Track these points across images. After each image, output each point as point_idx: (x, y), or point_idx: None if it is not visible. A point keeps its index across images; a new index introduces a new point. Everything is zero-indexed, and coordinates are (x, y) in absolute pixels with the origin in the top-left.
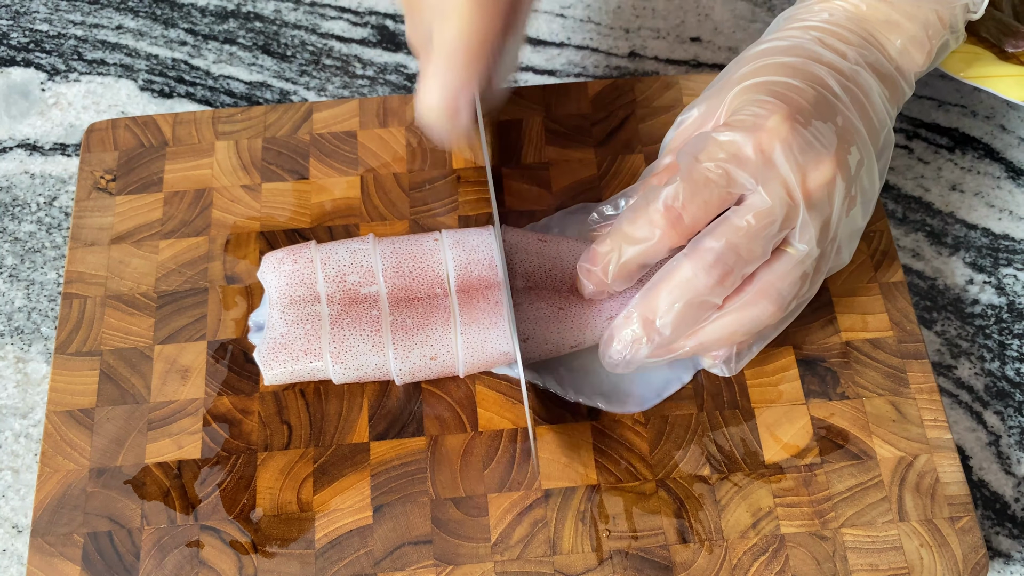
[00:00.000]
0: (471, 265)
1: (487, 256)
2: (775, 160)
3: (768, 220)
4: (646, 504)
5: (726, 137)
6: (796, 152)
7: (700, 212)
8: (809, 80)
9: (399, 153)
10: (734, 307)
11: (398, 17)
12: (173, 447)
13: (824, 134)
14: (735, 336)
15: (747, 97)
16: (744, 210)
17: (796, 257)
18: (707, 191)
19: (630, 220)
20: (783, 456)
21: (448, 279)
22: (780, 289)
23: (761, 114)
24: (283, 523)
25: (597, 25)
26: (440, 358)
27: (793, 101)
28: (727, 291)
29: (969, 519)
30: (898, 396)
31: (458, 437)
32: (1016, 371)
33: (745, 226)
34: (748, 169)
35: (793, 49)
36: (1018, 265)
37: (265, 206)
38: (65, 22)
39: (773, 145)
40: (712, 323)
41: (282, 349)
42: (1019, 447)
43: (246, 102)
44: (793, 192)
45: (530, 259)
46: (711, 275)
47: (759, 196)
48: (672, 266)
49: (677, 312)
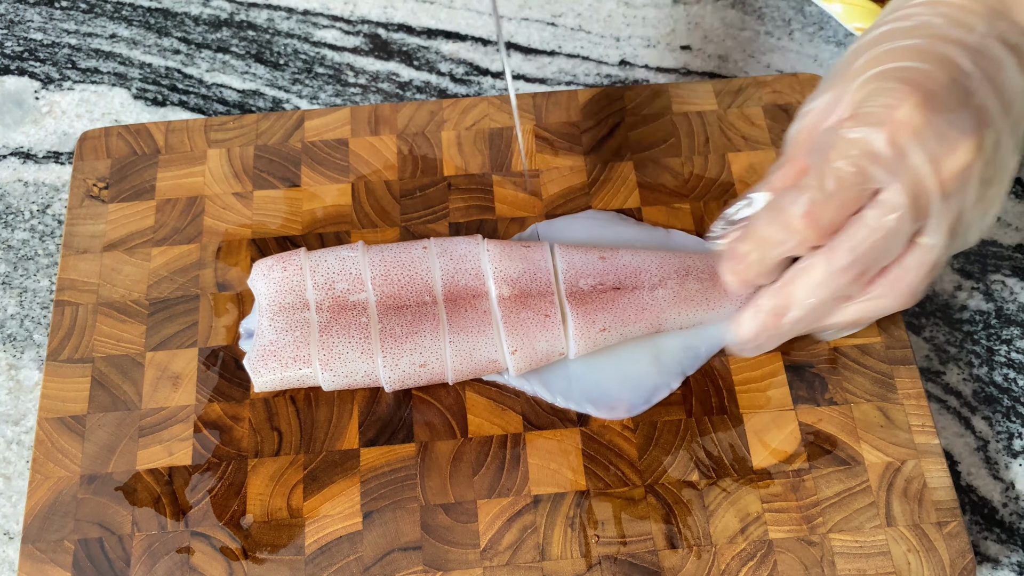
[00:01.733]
0: (458, 274)
1: (474, 265)
2: (908, 153)
3: (904, 218)
4: (635, 509)
5: (856, 134)
6: (930, 141)
7: (837, 214)
8: (938, 62)
9: (390, 160)
10: (863, 299)
11: (390, 26)
12: (164, 453)
13: (958, 119)
14: (859, 323)
15: (874, 86)
16: (880, 210)
17: (929, 249)
18: (842, 193)
19: (768, 222)
20: (771, 461)
21: (436, 292)
22: (911, 282)
23: (891, 104)
24: (273, 529)
25: (588, 34)
26: (429, 365)
27: (922, 87)
28: (860, 288)
29: (956, 524)
30: (886, 402)
31: (448, 443)
32: (1004, 376)
33: (882, 227)
34: (882, 164)
35: (917, 29)
36: (1006, 271)
37: (257, 213)
38: (59, 31)
39: (906, 137)
40: (839, 312)
41: (271, 356)
42: (1007, 452)
43: (239, 110)
44: (929, 186)
45: (515, 266)
46: (846, 276)
47: (895, 192)
48: (805, 266)
49: (808, 308)
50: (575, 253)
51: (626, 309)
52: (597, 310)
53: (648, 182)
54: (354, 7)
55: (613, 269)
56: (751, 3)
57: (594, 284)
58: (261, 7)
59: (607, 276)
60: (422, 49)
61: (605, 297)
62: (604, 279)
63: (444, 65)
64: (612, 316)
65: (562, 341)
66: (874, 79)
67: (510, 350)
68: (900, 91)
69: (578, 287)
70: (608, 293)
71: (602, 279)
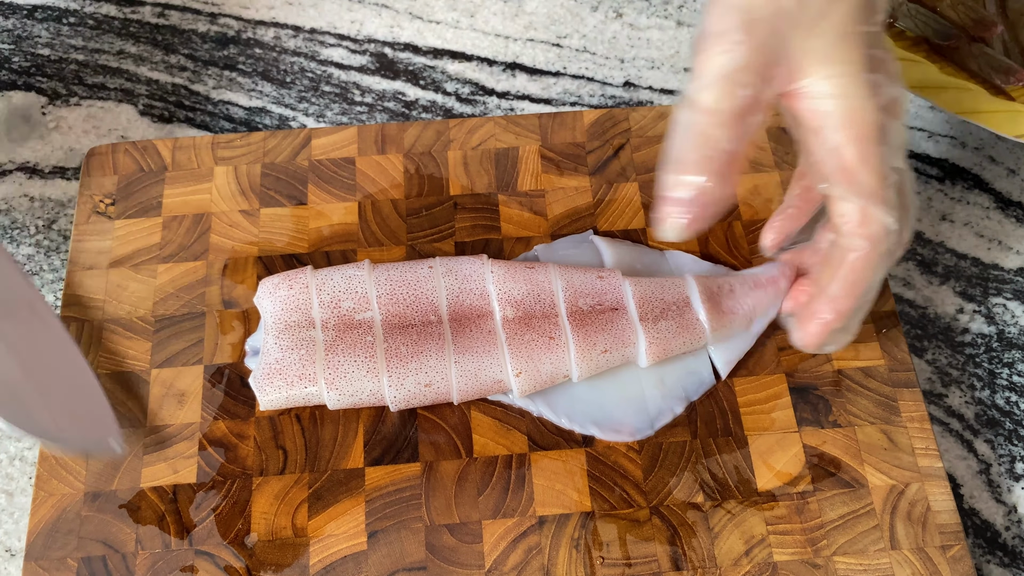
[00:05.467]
0: (463, 294)
1: (479, 285)
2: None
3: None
4: (640, 531)
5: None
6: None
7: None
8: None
9: (396, 180)
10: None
11: (396, 45)
12: (169, 471)
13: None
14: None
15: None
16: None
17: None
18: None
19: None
20: (776, 484)
21: (442, 312)
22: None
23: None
24: (278, 548)
25: (593, 55)
26: (434, 385)
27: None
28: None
29: (960, 548)
30: (889, 424)
31: (453, 463)
32: (1006, 399)
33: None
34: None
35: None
36: (1007, 294)
37: (263, 231)
38: (67, 47)
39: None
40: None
41: (277, 375)
42: (1009, 475)
43: (245, 127)
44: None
45: (519, 287)
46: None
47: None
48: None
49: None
50: (574, 273)
51: (625, 329)
52: (597, 331)
53: (653, 203)
54: (360, 26)
55: (611, 289)
56: None
57: (593, 304)
58: (268, 25)
59: (605, 296)
60: (428, 68)
61: (604, 318)
62: (603, 299)
63: (450, 85)
64: (612, 337)
65: (566, 364)
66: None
67: (514, 372)
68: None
69: (577, 307)
70: (607, 314)
71: (600, 299)
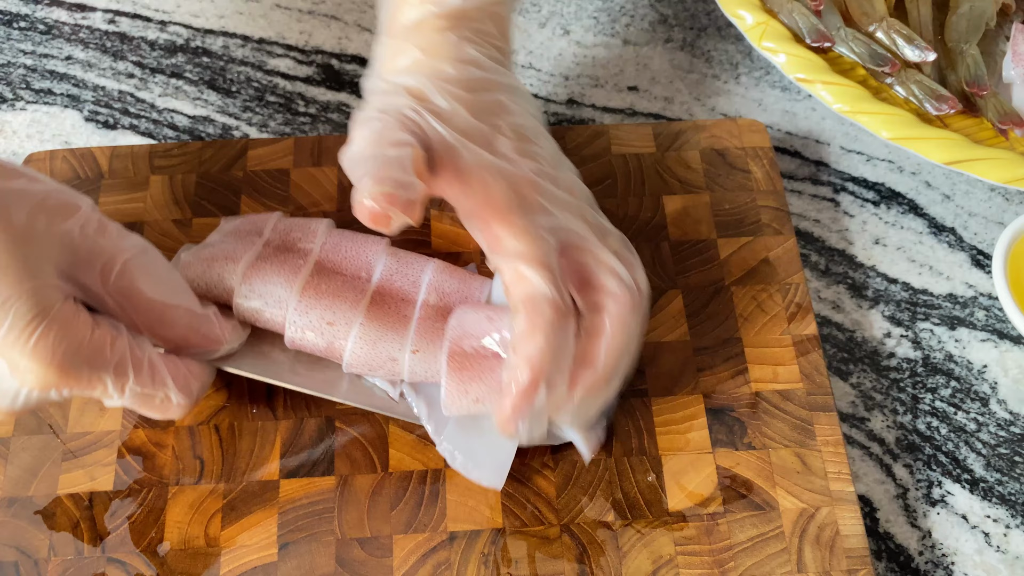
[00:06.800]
0: (397, 276)
1: (415, 276)
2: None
3: (534, 301)
4: (549, 549)
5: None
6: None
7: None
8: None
9: (330, 192)
10: None
11: (343, 56)
12: (86, 478)
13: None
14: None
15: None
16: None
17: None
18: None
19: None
20: (687, 504)
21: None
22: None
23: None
24: (189, 557)
25: (538, 71)
26: (337, 326)
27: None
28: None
29: (866, 572)
30: (804, 448)
31: (368, 477)
32: (927, 424)
33: (523, 320)
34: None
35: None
36: (935, 320)
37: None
38: (16, 51)
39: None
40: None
41: (205, 252)
42: (926, 500)
43: (188, 136)
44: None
45: (452, 284)
46: (526, 375)
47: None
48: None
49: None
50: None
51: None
52: (472, 379)
53: None
54: (309, 37)
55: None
56: (700, 46)
57: (477, 347)
58: (217, 34)
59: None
60: None
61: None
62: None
63: None
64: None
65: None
66: None
67: (412, 349)
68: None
69: (460, 347)
70: (489, 360)
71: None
